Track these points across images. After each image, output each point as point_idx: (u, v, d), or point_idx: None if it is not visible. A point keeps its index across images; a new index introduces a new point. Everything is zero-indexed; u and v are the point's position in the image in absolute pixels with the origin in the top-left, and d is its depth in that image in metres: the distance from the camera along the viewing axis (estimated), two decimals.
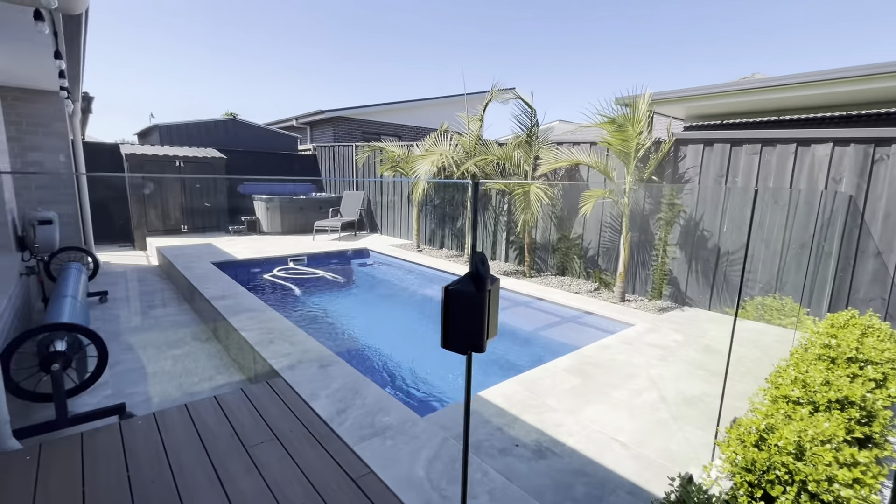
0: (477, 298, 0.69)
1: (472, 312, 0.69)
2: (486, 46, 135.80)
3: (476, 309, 0.69)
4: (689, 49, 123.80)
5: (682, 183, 5.08)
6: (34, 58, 3.75)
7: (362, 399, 2.68)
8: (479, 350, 0.74)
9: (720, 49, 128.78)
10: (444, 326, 0.70)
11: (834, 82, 5.71)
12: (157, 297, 5.64)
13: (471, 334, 0.70)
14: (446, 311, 0.67)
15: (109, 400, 3.15)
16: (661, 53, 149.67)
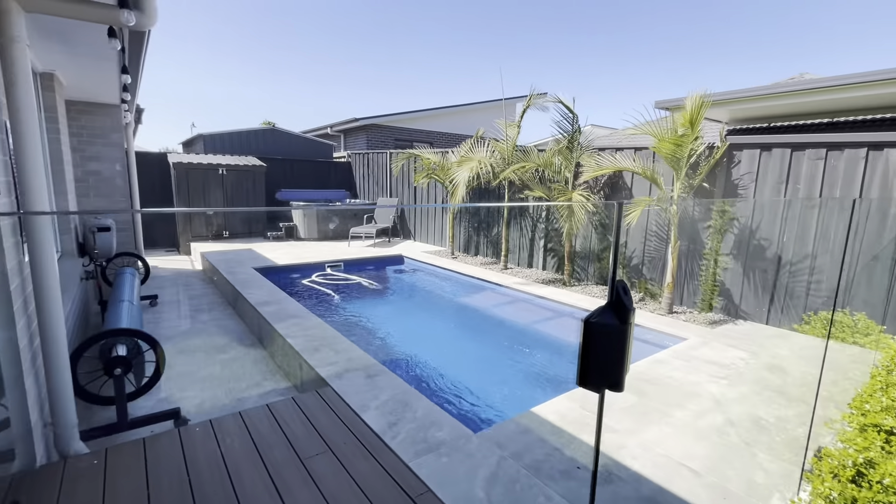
0: (619, 332, 0.63)
1: (614, 347, 0.62)
2: (511, 53, 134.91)
3: (618, 343, 0.62)
4: (723, 51, 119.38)
5: (736, 190, 4.83)
6: (100, 73, 3.95)
7: (413, 412, 2.63)
8: (618, 389, 0.67)
9: (752, 52, 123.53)
10: (582, 362, 0.63)
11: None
12: (202, 301, 5.81)
13: (610, 371, 0.63)
14: (586, 346, 0.60)
15: (164, 404, 3.22)
16: (692, 56, 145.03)
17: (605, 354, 0.62)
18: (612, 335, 0.63)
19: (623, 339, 0.63)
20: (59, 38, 3.15)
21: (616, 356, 0.62)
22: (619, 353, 0.63)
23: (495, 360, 4.20)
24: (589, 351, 0.59)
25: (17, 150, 2.02)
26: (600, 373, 0.62)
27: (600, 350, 0.61)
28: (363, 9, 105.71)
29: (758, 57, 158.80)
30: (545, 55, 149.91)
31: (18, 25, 1.95)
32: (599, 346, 0.61)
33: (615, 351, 0.63)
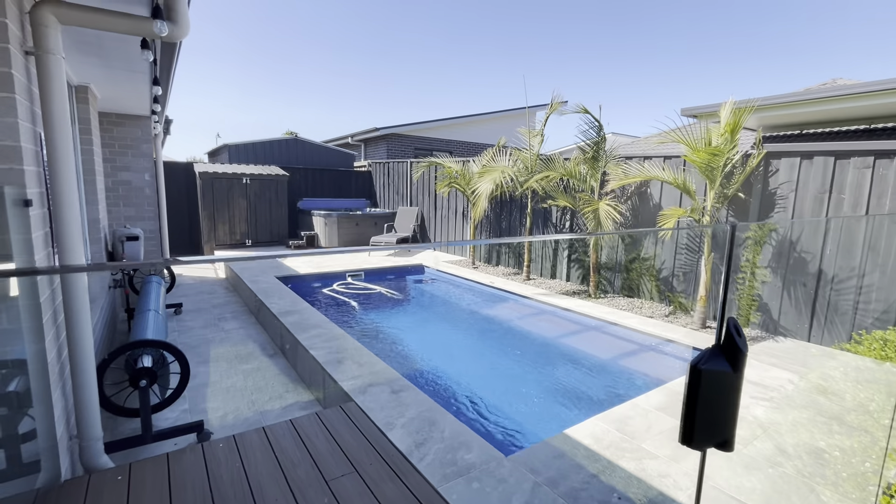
0: (731, 381, 0.53)
1: (725, 398, 0.52)
2: (530, 61, 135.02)
3: (730, 393, 0.52)
4: (748, 55, 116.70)
5: (774, 200, 4.61)
6: (132, 85, 4.03)
7: (440, 431, 2.53)
8: (728, 448, 0.56)
9: (781, 57, 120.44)
10: (686, 416, 0.53)
11: None
12: (226, 309, 5.84)
13: (719, 427, 0.53)
14: (692, 396, 0.50)
15: (187, 415, 3.20)
16: (714, 63, 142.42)
17: (713, 407, 0.52)
18: (723, 384, 0.52)
19: (736, 389, 0.53)
20: (95, 52, 3.21)
21: (727, 409, 0.52)
22: (730, 405, 0.53)
23: (522, 376, 4.07)
24: (696, 402, 0.49)
25: (50, 161, 2.03)
26: (707, 428, 0.52)
27: (709, 401, 0.51)
28: (386, 23, 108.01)
29: (787, 62, 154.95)
30: (565, 64, 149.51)
31: (55, 38, 1.96)
32: (708, 397, 0.51)
33: (726, 403, 0.52)
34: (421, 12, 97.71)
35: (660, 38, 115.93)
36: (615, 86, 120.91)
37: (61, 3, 1.96)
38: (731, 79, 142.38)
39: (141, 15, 2.10)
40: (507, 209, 8.02)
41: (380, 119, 74.79)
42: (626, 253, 6.04)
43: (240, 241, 9.74)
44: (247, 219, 9.81)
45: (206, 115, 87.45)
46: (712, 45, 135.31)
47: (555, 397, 3.59)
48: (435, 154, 15.32)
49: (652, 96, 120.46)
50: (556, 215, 7.04)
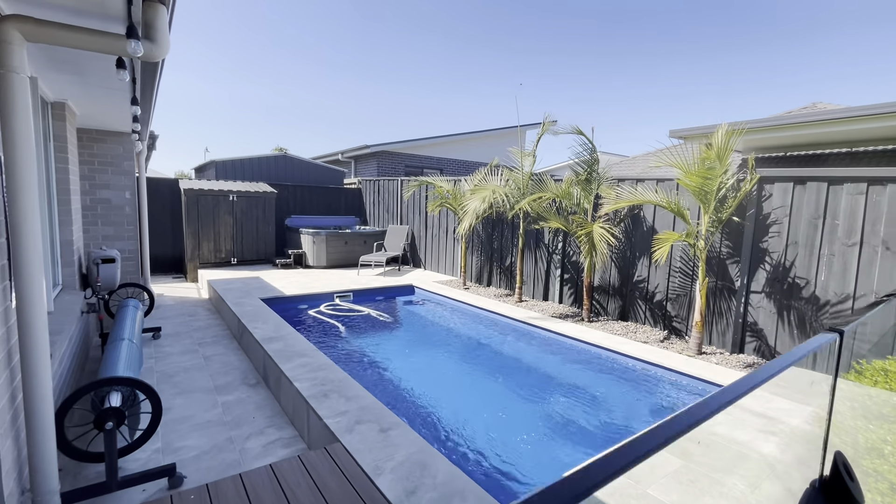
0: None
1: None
2: (519, 81, 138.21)
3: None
4: (730, 78, 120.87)
5: (768, 224, 4.59)
6: (112, 102, 3.87)
7: (432, 477, 2.35)
8: None
9: (760, 80, 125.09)
10: None
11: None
12: (207, 333, 5.59)
13: None
14: None
15: (159, 455, 2.97)
16: (699, 85, 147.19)
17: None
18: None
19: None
20: (71, 69, 3.07)
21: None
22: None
23: (517, 410, 3.90)
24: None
25: (9, 187, 1.86)
26: None
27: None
28: (378, 39, 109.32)
29: (765, 86, 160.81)
30: (553, 83, 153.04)
31: (20, 56, 1.82)
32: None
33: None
34: (413, 31, 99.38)
35: (644, 58, 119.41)
36: (602, 104, 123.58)
37: (27, 18, 1.83)
38: (713, 101, 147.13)
39: (115, 33, 1.97)
40: (498, 229, 7.94)
41: (370, 136, 75.21)
42: (619, 276, 5.97)
43: (225, 260, 9.48)
44: (233, 237, 9.57)
45: (196, 129, 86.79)
46: (697, 67, 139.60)
47: (553, 433, 3.43)
48: (425, 172, 15.31)
49: (638, 115, 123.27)
50: (549, 236, 6.97)
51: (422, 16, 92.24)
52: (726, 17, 73.44)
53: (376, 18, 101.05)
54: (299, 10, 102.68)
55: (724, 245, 4.93)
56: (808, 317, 4.32)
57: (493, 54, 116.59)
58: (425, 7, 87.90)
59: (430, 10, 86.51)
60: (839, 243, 4.15)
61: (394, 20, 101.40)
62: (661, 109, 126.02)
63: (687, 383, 4.16)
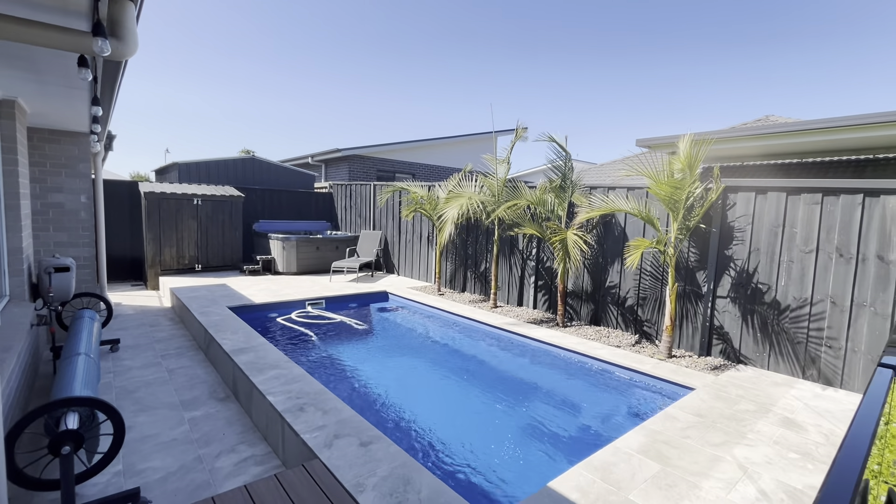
0: None
1: None
2: (491, 86, 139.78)
3: None
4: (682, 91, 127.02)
5: (733, 232, 4.80)
6: (69, 101, 3.63)
7: (416, 492, 2.30)
8: None
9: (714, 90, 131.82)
10: None
11: None
12: (171, 344, 5.32)
13: None
14: None
15: (120, 479, 2.78)
16: (662, 93, 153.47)
17: None
18: None
19: None
20: (23, 65, 2.85)
21: None
22: None
23: (495, 417, 3.89)
24: None
25: None
26: None
27: None
28: (350, 44, 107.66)
29: (717, 99, 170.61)
30: (522, 89, 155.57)
31: None
32: None
33: None
34: (383, 36, 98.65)
35: (610, 68, 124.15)
36: (568, 111, 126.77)
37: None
38: (674, 110, 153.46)
39: (79, 30, 1.84)
40: (473, 235, 7.96)
41: (340, 140, 74.23)
42: (592, 281, 6.09)
43: (189, 266, 9.07)
44: (197, 242, 9.18)
45: (153, 129, 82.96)
46: (660, 76, 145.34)
47: (533, 440, 3.44)
48: (398, 177, 15.21)
49: (602, 122, 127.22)
50: (523, 243, 7.05)
51: (392, 18, 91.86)
52: (686, 31, 76.57)
53: (342, 20, 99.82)
54: (264, 11, 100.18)
55: (692, 252, 5.12)
56: (770, 320, 4.54)
57: (463, 60, 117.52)
58: (398, 9, 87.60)
59: (402, 14, 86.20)
60: (797, 250, 4.38)
61: (360, 23, 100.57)
62: (625, 118, 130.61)
63: (659, 386, 4.28)
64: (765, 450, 2.93)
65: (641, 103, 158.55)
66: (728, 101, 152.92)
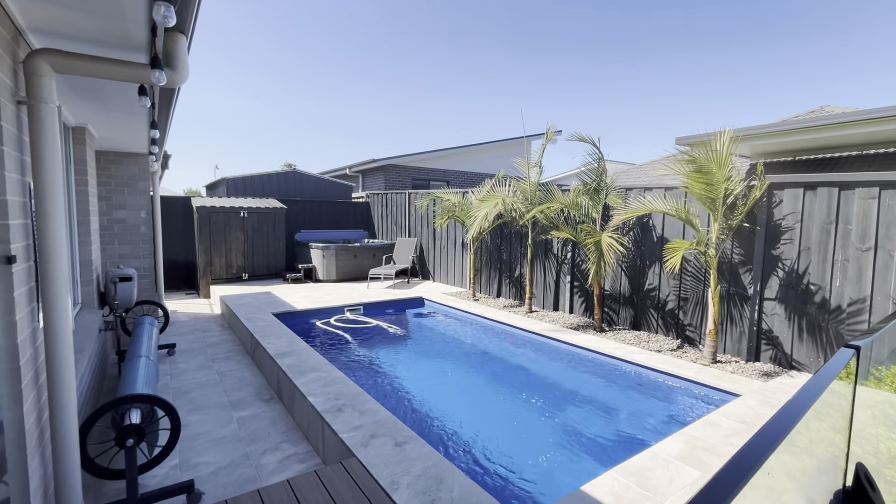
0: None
1: None
2: (526, 89, 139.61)
3: None
4: (737, 82, 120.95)
5: (779, 230, 4.56)
6: (130, 126, 4.00)
7: (449, 491, 2.35)
8: None
9: (767, 84, 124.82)
10: None
11: None
12: (220, 349, 5.65)
13: None
14: None
15: (177, 472, 3.00)
16: (707, 90, 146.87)
17: None
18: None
19: None
20: (93, 96, 3.18)
21: None
22: None
23: (531, 421, 3.88)
24: None
25: (38, 212, 1.94)
26: None
27: None
28: (384, 53, 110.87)
29: (771, 92, 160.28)
30: (558, 92, 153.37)
31: (49, 87, 1.91)
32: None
33: None
34: (418, 43, 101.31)
35: (650, 65, 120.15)
36: (607, 112, 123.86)
37: (57, 52, 1.92)
38: (721, 107, 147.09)
39: (139, 62, 2.06)
40: (506, 240, 7.96)
41: (377, 150, 76.27)
42: (630, 285, 5.94)
43: (236, 275, 9.59)
44: (244, 252, 9.70)
45: (205, 146, 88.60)
46: (704, 74, 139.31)
47: (568, 445, 3.41)
48: (432, 184, 15.42)
49: (646, 122, 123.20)
50: (558, 246, 6.98)
51: (424, 25, 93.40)
52: (738, 25, 73.31)
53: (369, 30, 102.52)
54: (310, 29, 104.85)
55: (736, 252, 4.91)
56: (823, 323, 4.27)
57: (497, 64, 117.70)
58: (429, 16, 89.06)
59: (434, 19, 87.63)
60: (853, 248, 4.11)
61: (392, 31, 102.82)
62: (668, 117, 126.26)
63: (702, 392, 4.12)
64: (817, 459, 2.76)
65: (685, 101, 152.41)
66: (782, 95, 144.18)
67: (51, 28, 2.00)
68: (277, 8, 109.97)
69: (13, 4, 1.77)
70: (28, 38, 2.05)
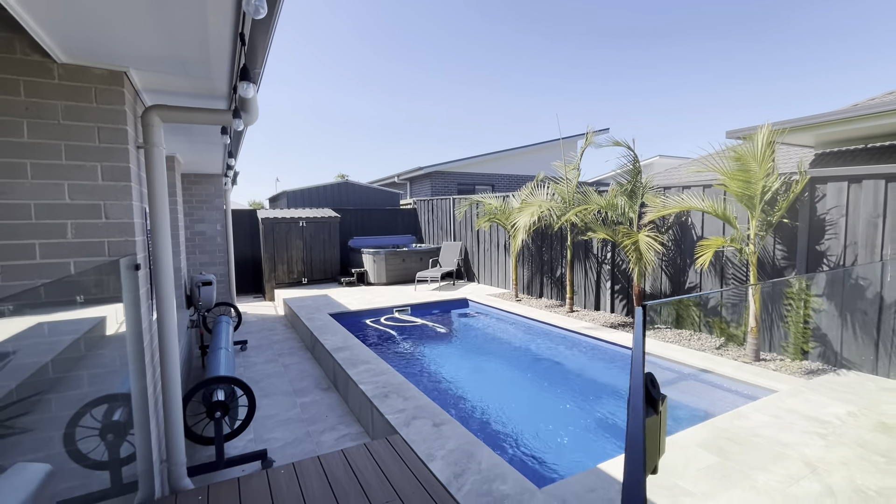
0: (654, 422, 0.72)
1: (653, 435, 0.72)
2: (578, 84, 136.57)
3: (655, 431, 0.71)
4: (809, 67, 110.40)
5: (823, 226, 4.46)
6: (210, 153, 4.72)
7: (477, 463, 2.69)
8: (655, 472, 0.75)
9: (841, 68, 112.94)
10: None
11: None
12: (285, 345, 6.33)
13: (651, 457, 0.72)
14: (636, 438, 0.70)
15: (252, 444, 3.56)
16: (771, 78, 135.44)
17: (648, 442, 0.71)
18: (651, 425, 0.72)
19: (658, 426, 0.72)
20: (183, 132, 3.87)
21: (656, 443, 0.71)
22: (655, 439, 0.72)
23: (563, 411, 4.12)
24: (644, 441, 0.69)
25: (152, 230, 2.52)
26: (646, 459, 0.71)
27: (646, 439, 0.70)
28: (427, 64, 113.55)
29: (845, 72, 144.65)
30: (613, 88, 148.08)
31: (159, 134, 2.48)
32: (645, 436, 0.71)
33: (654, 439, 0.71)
34: (463, 54, 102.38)
35: (712, 59, 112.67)
36: (667, 108, 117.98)
37: (165, 106, 2.49)
38: (787, 96, 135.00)
39: (222, 109, 2.61)
40: (547, 242, 8.14)
41: (424, 158, 78.19)
42: (670, 283, 5.95)
43: (297, 280, 10.47)
44: (303, 259, 10.57)
45: (267, 161, 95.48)
46: (766, 63, 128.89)
47: (589, 430, 3.62)
48: (477, 188, 15.76)
49: (710, 116, 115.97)
50: (597, 247, 7.08)
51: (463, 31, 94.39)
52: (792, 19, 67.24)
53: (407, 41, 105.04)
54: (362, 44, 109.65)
55: (778, 248, 4.83)
56: (873, 319, 4.14)
57: (544, 66, 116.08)
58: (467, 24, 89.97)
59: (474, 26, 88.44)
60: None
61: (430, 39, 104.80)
62: (730, 111, 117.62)
63: (738, 388, 4.14)
64: (844, 451, 2.81)
65: (745, 92, 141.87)
66: None
67: (158, 88, 2.59)
68: None
69: (135, 74, 2.36)
70: (142, 97, 2.67)
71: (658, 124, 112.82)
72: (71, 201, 2.13)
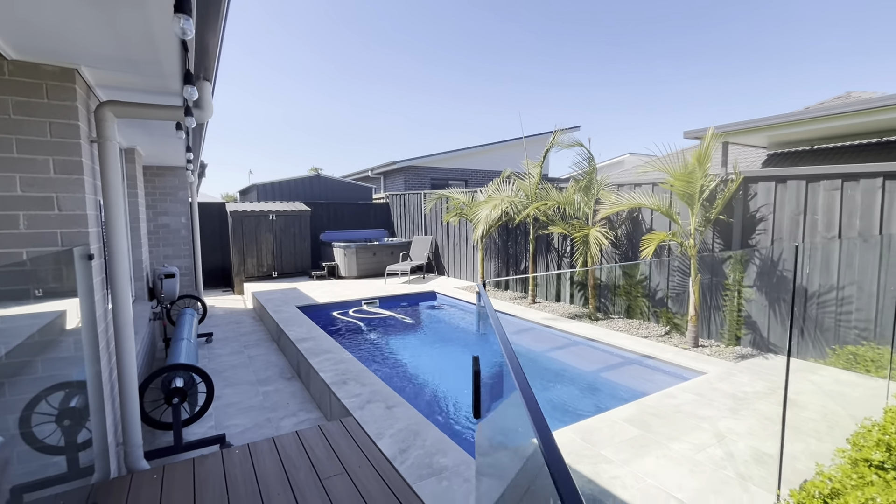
0: None
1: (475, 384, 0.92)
2: (552, 83, 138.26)
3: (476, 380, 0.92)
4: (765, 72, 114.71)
5: (754, 221, 4.84)
6: (170, 146, 4.74)
7: (423, 440, 2.90)
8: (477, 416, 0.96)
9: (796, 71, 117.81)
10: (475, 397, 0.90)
11: None
12: (251, 337, 6.40)
13: None
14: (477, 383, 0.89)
15: (213, 430, 3.67)
16: (743, 82, 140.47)
17: None
18: None
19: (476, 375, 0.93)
20: (140, 125, 3.91)
21: None
22: None
23: None
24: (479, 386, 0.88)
25: (107, 221, 2.61)
26: None
27: None
28: (400, 55, 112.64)
29: (801, 75, 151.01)
30: (580, 87, 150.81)
31: (112, 128, 2.57)
32: None
33: None
34: (432, 47, 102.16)
35: (672, 57, 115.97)
36: (636, 105, 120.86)
37: (118, 102, 2.58)
38: (747, 95, 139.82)
39: (175, 106, 2.71)
40: (513, 237, 8.41)
41: (398, 152, 78.01)
42: (624, 276, 6.29)
43: (266, 274, 10.45)
44: (273, 252, 10.55)
45: (242, 154, 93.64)
46: (729, 62, 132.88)
47: None
48: (451, 184, 15.94)
49: (671, 115, 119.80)
50: (558, 241, 7.38)
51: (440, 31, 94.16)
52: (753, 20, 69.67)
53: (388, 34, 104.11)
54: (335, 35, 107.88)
55: (717, 243, 5.20)
56: (797, 308, 4.53)
57: (516, 65, 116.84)
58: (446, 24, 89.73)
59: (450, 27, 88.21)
60: (820, 237, 4.37)
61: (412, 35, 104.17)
62: (692, 110, 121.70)
63: (674, 371, 4.48)
64: (750, 422, 3.14)
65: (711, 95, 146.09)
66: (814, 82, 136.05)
67: (112, 84, 2.67)
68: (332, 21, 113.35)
69: (88, 71, 2.44)
70: (96, 93, 2.74)
71: (633, 122, 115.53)
72: (23, 193, 2.21)
